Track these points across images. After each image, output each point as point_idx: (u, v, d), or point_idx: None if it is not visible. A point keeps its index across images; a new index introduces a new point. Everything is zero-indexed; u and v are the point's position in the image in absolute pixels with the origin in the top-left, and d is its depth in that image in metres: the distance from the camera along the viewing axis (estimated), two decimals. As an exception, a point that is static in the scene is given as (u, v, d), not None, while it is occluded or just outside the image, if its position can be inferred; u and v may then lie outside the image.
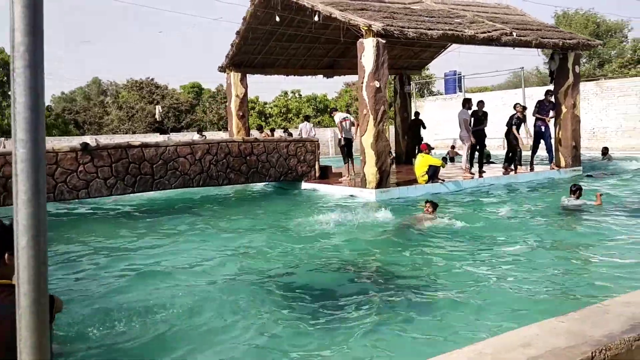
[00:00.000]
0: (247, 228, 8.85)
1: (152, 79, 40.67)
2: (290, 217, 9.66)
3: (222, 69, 15.90)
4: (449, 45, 17.28)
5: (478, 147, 13.48)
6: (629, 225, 7.81)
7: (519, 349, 2.67)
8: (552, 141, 14.27)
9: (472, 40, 12.09)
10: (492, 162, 16.58)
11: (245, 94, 16.00)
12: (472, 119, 13.09)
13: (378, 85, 10.78)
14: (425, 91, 40.35)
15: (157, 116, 29.47)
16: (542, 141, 14.01)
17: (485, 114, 13.44)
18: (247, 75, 16.17)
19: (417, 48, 17.49)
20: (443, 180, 11.99)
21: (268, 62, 16.43)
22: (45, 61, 1.41)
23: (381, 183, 10.99)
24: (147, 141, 11.88)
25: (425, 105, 30.03)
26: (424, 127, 17.38)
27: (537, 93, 19.43)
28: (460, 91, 27.94)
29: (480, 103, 13.40)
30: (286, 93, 47.29)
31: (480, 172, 13.41)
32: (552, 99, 14.20)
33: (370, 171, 10.98)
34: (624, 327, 2.92)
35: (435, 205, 8.63)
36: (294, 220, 9.19)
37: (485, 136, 13.52)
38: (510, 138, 13.75)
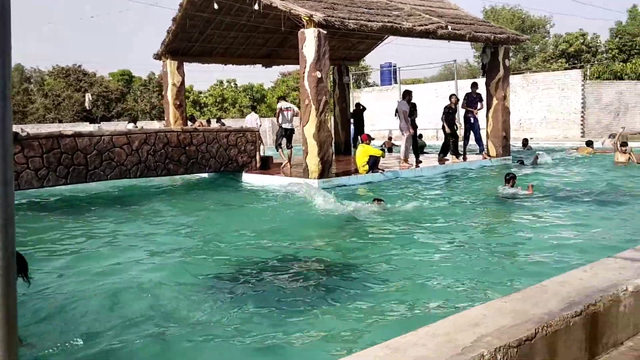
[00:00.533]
0: (186, 220, 8.70)
1: (80, 66, 38.86)
2: (232, 208, 9.58)
3: (157, 57, 15.43)
4: (386, 37, 17.57)
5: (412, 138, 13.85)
6: (557, 211, 8.29)
7: (469, 329, 2.82)
8: (482, 132, 14.87)
9: (410, 33, 12.37)
10: (426, 153, 17.10)
11: (182, 83, 15.63)
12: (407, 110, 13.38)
13: (320, 76, 10.84)
14: (362, 82, 40.91)
15: (86, 104, 28.21)
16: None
17: (414, 105, 13.78)
18: (184, 63, 15.80)
19: (355, 39, 17.66)
20: (383, 170, 12.25)
21: (205, 50, 16.10)
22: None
23: (323, 173, 11.09)
24: (80, 130, 11.40)
25: (361, 96, 30.45)
26: (364, 109, 17.64)
27: (468, 85, 20.16)
28: (396, 82, 28.52)
29: (409, 94, 13.70)
30: (221, 82, 46.54)
31: (417, 162, 13.78)
32: (479, 91, 14.78)
33: (313, 161, 11.04)
34: (561, 305, 3.13)
35: (381, 201, 8.81)
36: (236, 211, 9.12)
37: (416, 127, 13.85)
38: (444, 129, 14.25)
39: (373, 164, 11.94)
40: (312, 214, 8.69)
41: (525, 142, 19.30)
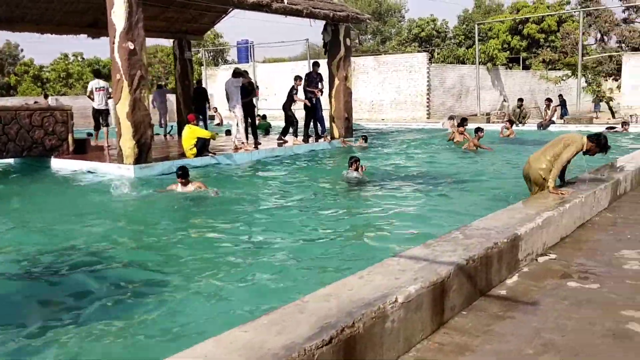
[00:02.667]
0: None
1: None
2: (29, 200, 8.18)
3: (-51, 21, 12.96)
4: (231, 10, 16.50)
5: (250, 119, 13.05)
6: (393, 196, 7.80)
7: (172, 384, 2.05)
8: (323, 113, 14.41)
9: (240, 5, 11.43)
10: (268, 134, 16.56)
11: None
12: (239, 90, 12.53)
13: (132, 47, 9.51)
14: (220, 59, 39.35)
15: None
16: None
17: (252, 85, 13.01)
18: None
19: (196, 11, 16.35)
20: (214, 154, 11.27)
21: (14, 16, 13.83)
22: None
23: (141, 158, 9.83)
24: None
25: (218, 74, 29.08)
26: (207, 101, 16.50)
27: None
28: (253, 60, 27.58)
29: (245, 73, 12.91)
30: (66, 56, 42.65)
31: (256, 144, 12.99)
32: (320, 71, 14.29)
33: (128, 145, 9.72)
34: (312, 330, 2.43)
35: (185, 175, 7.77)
36: (32, 203, 7.77)
37: (254, 107, 13.07)
38: (286, 110, 13.63)
39: (202, 146, 10.91)
40: (123, 203, 7.58)
41: None
